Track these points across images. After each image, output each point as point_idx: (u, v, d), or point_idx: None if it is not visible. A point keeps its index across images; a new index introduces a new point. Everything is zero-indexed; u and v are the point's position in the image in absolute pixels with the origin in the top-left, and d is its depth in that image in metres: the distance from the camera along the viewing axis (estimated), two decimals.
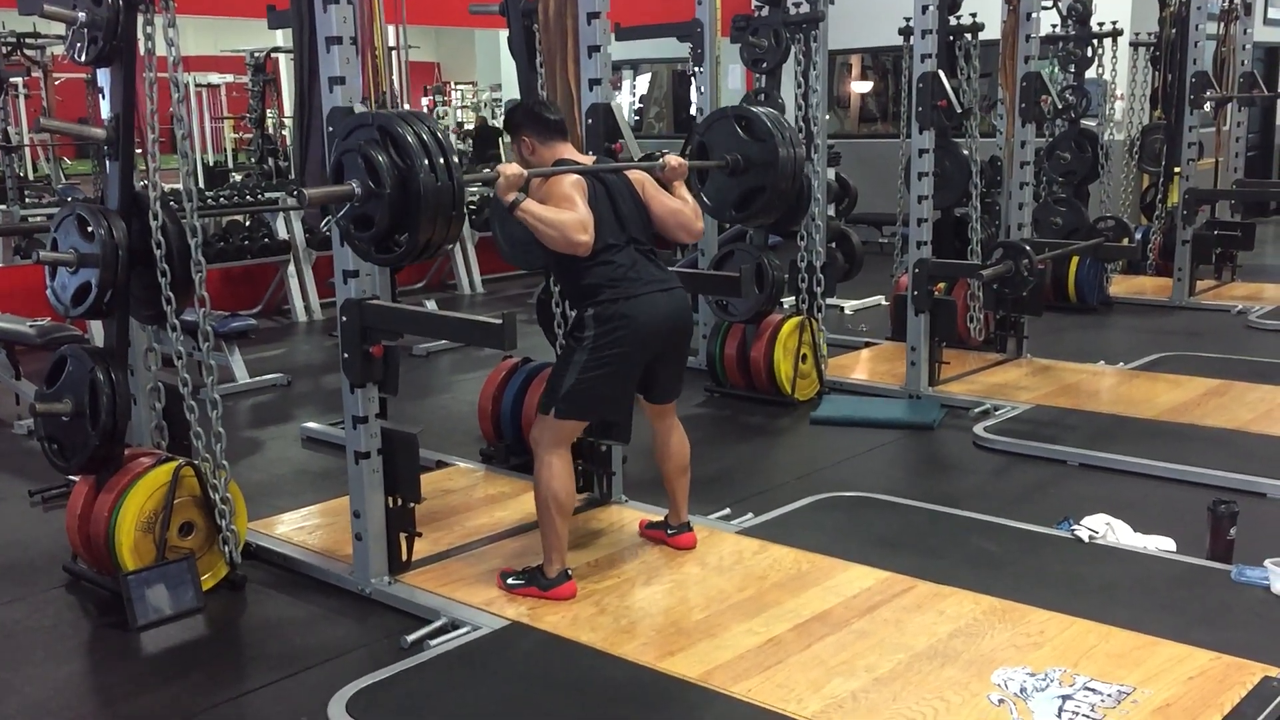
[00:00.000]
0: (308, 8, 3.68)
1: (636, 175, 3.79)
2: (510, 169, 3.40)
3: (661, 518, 4.08)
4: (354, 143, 3.14)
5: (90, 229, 3.66)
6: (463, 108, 19.08)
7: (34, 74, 11.19)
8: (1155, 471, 4.79)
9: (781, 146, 4.20)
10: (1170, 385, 6.10)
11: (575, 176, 3.58)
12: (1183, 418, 5.51)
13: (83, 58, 3.70)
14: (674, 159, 3.87)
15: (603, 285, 3.56)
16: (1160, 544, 3.99)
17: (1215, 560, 3.80)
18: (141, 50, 3.67)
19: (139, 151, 3.84)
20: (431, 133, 3.12)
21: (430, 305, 8.25)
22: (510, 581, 3.69)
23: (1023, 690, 2.99)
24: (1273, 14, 12.95)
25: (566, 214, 3.46)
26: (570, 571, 3.67)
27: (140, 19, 3.64)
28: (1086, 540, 3.99)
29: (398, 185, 3.07)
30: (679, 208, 3.79)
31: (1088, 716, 2.86)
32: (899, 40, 8.10)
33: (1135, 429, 5.39)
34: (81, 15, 3.63)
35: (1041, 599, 3.51)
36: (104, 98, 3.78)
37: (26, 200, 10.41)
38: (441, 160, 3.09)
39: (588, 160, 3.79)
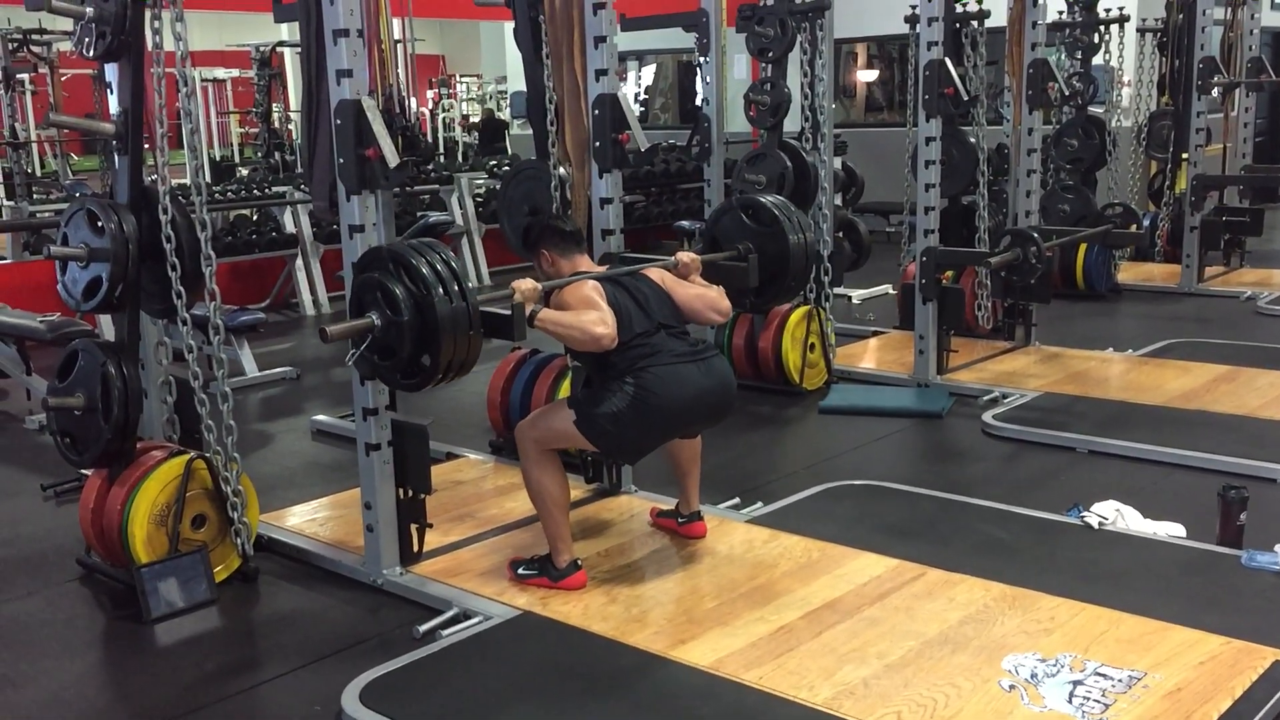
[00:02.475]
0: (315, 1, 3.69)
1: (654, 272, 3.83)
2: (525, 284, 3.47)
3: (672, 506, 4.09)
4: (369, 278, 3.28)
5: (100, 224, 3.67)
6: (468, 100, 19.10)
7: (40, 70, 11.20)
8: (1165, 458, 4.79)
9: (791, 233, 4.27)
10: (1179, 371, 6.09)
11: (593, 281, 3.61)
12: (1192, 404, 5.51)
13: (91, 53, 3.71)
14: (685, 255, 3.96)
15: (638, 360, 3.52)
16: (1170, 530, 3.99)
17: (1225, 546, 3.81)
18: (149, 45, 3.67)
19: (147, 146, 3.86)
20: (444, 260, 3.27)
21: None
22: (521, 571, 3.70)
23: (1034, 676, 3.00)
24: None
25: (585, 313, 3.48)
26: (580, 561, 3.68)
27: (148, 14, 3.64)
28: (1096, 526, 4.00)
29: (416, 315, 3.21)
30: (702, 291, 3.84)
31: (1099, 702, 2.87)
32: (905, 28, 8.08)
33: (1144, 415, 5.39)
34: (89, 10, 3.64)
35: (1051, 585, 3.52)
36: (112, 93, 3.79)
37: (34, 196, 10.44)
38: (456, 287, 3.24)
39: (601, 270, 3.83)
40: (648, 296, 3.68)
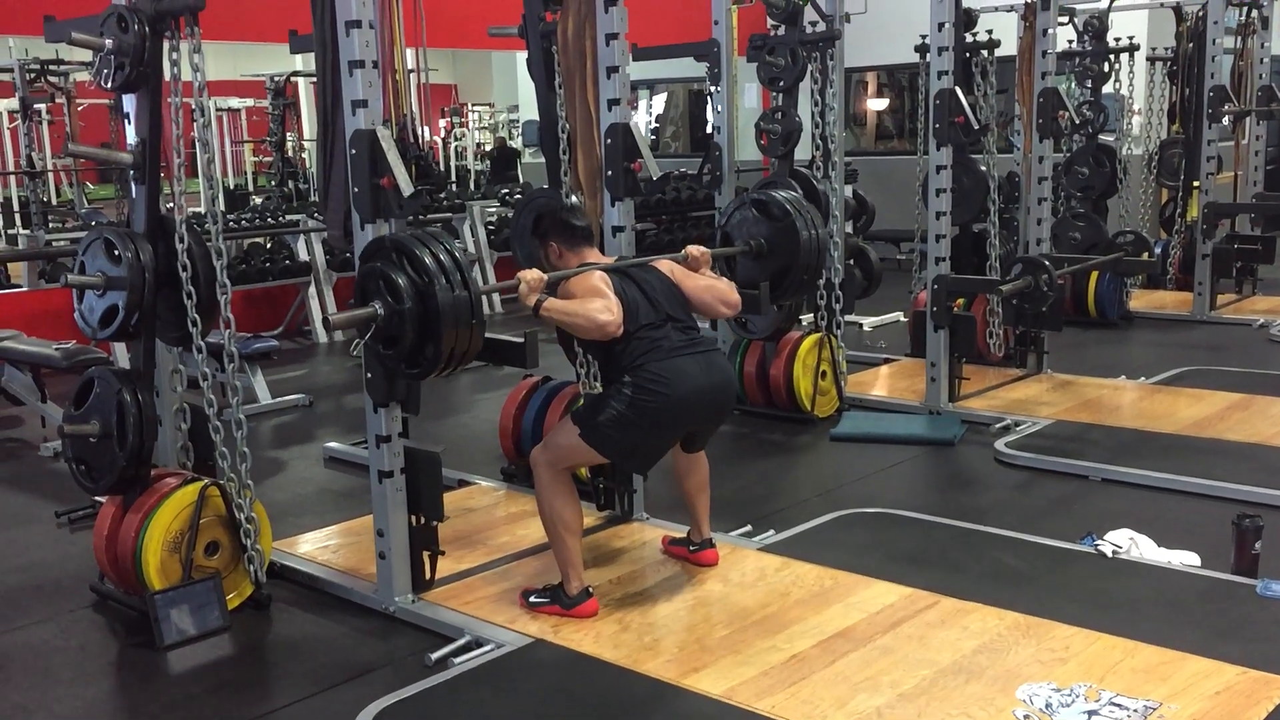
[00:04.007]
0: (331, 32, 3.73)
1: (664, 264, 3.85)
2: (530, 275, 3.47)
3: (684, 534, 4.09)
4: (373, 268, 3.28)
5: (117, 252, 3.70)
6: (480, 129, 19.20)
7: (57, 100, 11.31)
8: (1178, 486, 4.77)
9: (803, 229, 4.25)
10: (1192, 400, 6.07)
11: (599, 272, 3.63)
12: (1205, 432, 5.49)
13: (109, 84, 3.75)
14: (696, 249, 3.97)
15: (638, 355, 3.54)
16: (1184, 559, 3.97)
17: (1240, 575, 3.79)
18: (167, 76, 3.71)
19: (164, 175, 3.89)
20: (448, 250, 3.26)
21: None
22: (532, 599, 3.70)
23: (1048, 706, 2.98)
24: None
25: (590, 300, 3.50)
26: (591, 589, 3.68)
27: (166, 45, 3.68)
28: (1110, 555, 3.98)
29: (419, 304, 3.20)
30: (712, 284, 3.86)
31: None
32: (915, 57, 8.12)
33: (1158, 444, 5.37)
34: (109, 42, 3.69)
35: (1066, 614, 3.50)
36: (129, 123, 3.83)
37: (50, 225, 10.51)
38: (459, 277, 3.23)
39: (609, 261, 3.84)
40: (655, 288, 3.69)
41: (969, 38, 7.11)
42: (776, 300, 4.78)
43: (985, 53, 7.10)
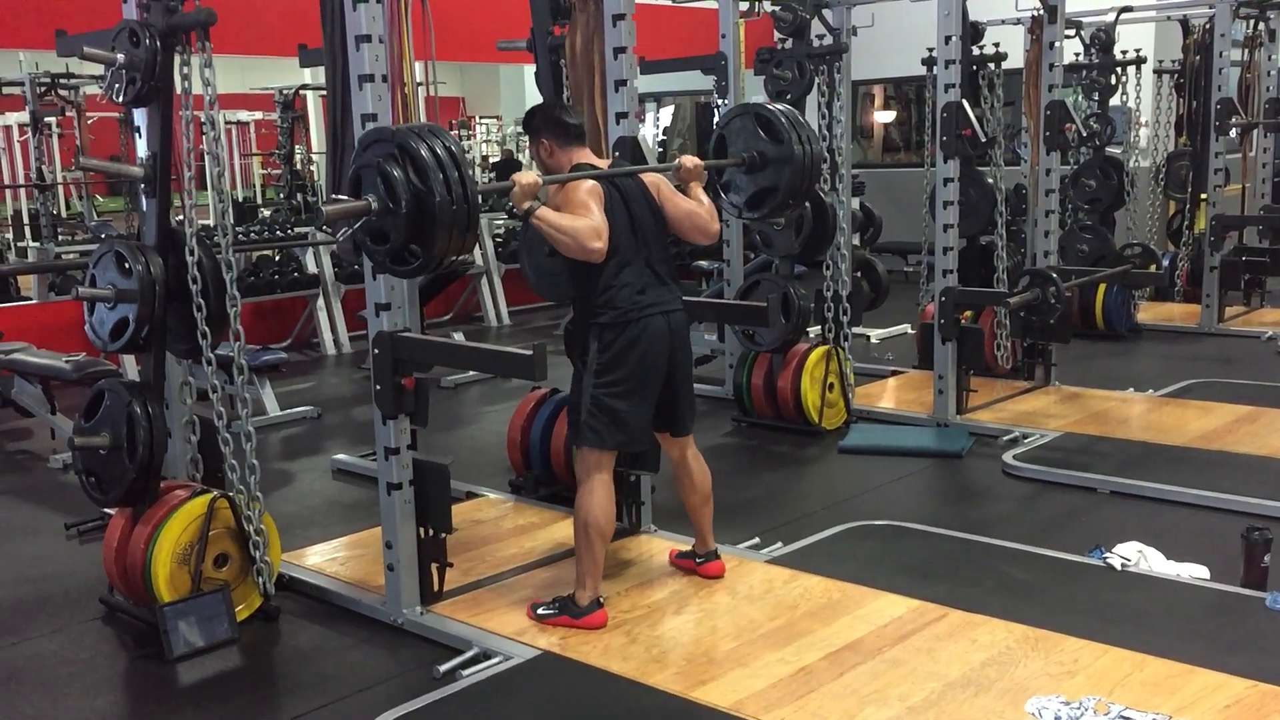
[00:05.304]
0: (340, 46, 3.75)
1: (652, 178, 3.83)
2: (525, 177, 3.43)
3: (689, 547, 4.09)
4: (371, 158, 3.15)
5: (128, 265, 3.72)
6: (487, 141, 19.25)
7: (68, 113, 11.37)
8: (1187, 499, 4.76)
9: (797, 146, 4.14)
10: (1200, 412, 6.06)
11: (591, 183, 3.60)
12: (1214, 445, 5.48)
13: (121, 98, 3.77)
14: (690, 159, 3.88)
15: (609, 306, 3.63)
16: (1193, 572, 3.96)
17: (1249, 588, 3.78)
18: (178, 90, 3.74)
19: (175, 188, 3.91)
20: (447, 148, 3.12)
21: (458, 337, 8.31)
22: (541, 611, 3.70)
23: (1057, 719, 2.97)
24: None
25: (581, 221, 3.50)
26: (602, 599, 3.68)
27: (177, 59, 3.71)
28: (1119, 568, 3.97)
29: (413, 203, 3.08)
30: (694, 209, 3.82)
31: None
32: (922, 70, 8.15)
33: (1166, 456, 5.36)
34: (120, 57, 3.71)
35: (1074, 627, 3.49)
36: (140, 137, 3.85)
37: (60, 237, 10.56)
38: (456, 175, 3.09)
39: (605, 164, 3.83)
40: (640, 208, 3.71)
41: (976, 50, 7.12)
42: (758, 218, 4.58)
43: (992, 65, 7.12)
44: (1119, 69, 8.58)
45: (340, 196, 3.20)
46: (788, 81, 6.20)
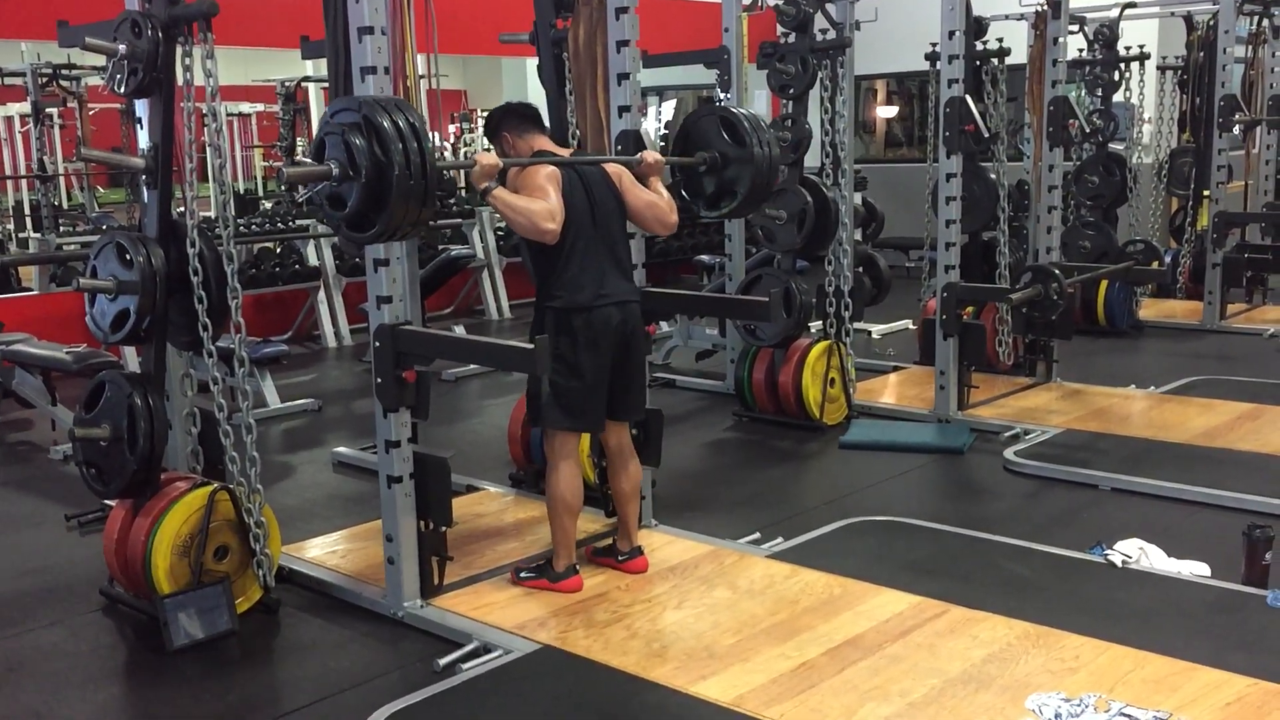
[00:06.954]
0: (343, 38, 3.74)
1: (614, 168, 3.90)
2: (487, 158, 3.52)
3: (610, 542, 4.12)
4: (337, 125, 3.19)
5: (129, 256, 3.71)
6: None
7: (69, 104, 11.35)
8: (1189, 496, 4.76)
9: (757, 149, 4.17)
10: (1202, 409, 6.06)
11: (551, 168, 3.69)
12: (1215, 442, 5.48)
13: (123, 89, 3.76)
14: (651, 155, 3.98)
15: (564, 291, 3.72)
16: (1194, 569, 3.96)
17: (1251, 585, 3.77)
18: (180, 81, 3.73)
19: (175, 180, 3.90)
20: (410, 122, 3.16)
21: (459, 330, 8.31)
22: (523, 575, 3.88)
23: (1058, 716, 2.97)
24: None
25: (536, 202, 3.59)
26: (577, 567, 3.86)
27: (179, 50, 3.70)
28: (1120, 565, 3.97)
29: (373, 172, 3.12)
30: (654, 200, 3.91)
31: None
32: (925, 65, 8.13)
33: (1167, 453, 5.36)
34: (122, 48, 3.70)
35: (1075, 624, 3.49)
36: (142, 128, 3.84)
37: (61, 229, 10.55)
38: (416, 147, 3.13)
39: (565, 154, 3.90)
40: (601, 195, 3.78)
41: (979, 46, 7.10)
42: (720, 212, 4.57)
43: (995, 61, 7.09)
44: (1122, 65, 8.56)
45: (304, 159, 3.23)
46: (790, 76, 6.18)
